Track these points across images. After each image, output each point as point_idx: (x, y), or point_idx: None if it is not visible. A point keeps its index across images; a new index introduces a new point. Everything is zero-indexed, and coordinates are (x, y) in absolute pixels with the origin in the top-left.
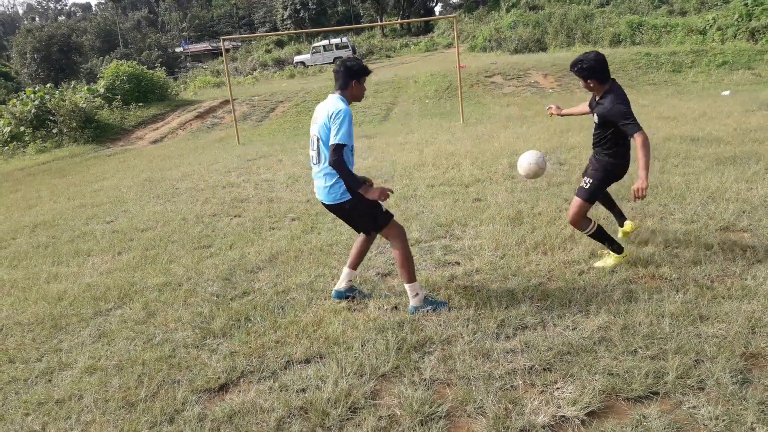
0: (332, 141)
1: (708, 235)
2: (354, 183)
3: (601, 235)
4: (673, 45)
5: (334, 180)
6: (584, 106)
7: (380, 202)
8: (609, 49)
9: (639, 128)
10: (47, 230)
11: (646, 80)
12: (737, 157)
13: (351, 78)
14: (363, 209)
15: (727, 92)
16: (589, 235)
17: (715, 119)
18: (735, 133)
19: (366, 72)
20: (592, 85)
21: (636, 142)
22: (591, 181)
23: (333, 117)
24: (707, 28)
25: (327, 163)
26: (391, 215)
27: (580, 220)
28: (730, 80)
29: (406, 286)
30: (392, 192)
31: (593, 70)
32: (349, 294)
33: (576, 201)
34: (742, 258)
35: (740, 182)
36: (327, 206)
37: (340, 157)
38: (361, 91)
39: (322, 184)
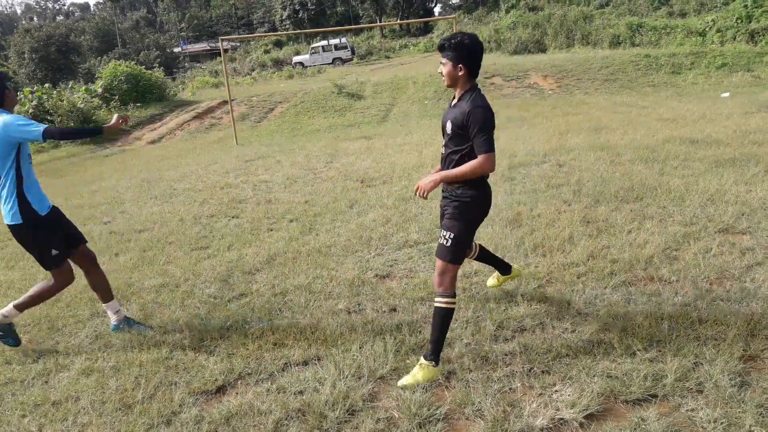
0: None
1: (707, 237)
2: (82, 130)
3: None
4: (673, 47)
5: (6, 196)
6: None
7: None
8: (609, 51)
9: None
10: None
11: (646, 82)
12: (736, 159)
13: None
14: (30, 240)
15: (726, 94)
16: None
17: (714, 121)
18: (734, 135)
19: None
20: (461, 73)
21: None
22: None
23: (17, 123)
24: (707, 29)
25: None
26: (62, 260)
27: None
28: (730, 82)
29: (10, 305)
30: (58, 253)
31: (472, 52)
32: (124, 326)
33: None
34: (740, 260)
35: (739, 184)
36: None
37: (48, 128)
38: (13, 99)
39: None
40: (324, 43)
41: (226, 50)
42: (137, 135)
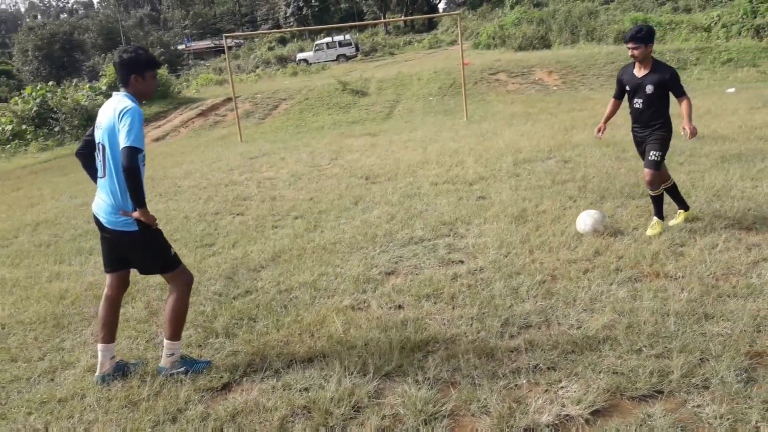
0: (123, 144)
1: (713, 233)
2: (141, 199)
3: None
4: (678, 42)
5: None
6: (614, 103)
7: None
8: (613, 46)
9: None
10: (49, 229)
11: None
12: (742, 155)
13: (130, 72)
14: (148, 246)
15: (732, 89)
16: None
17: (720, 116)
18: (740, 131)
19: (152, 64)
20: (643, 50)
21: (684, 100)
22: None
23: (120, 117)
24: (712, 25)
25: (116, 178)
26: (180, 261)
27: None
28: (735, 77)
29: (166, 342)
30: (174, 254)
31: (651, 36)
32: (117, 373)
33: (649, 173)
34: (747, 256)
35: (745, 180)
36: (108, 231)
37: (134, 162)
38: (148, 86)
39: (106, 203)
40: (328, 39)
41: (230, 47)
42: None
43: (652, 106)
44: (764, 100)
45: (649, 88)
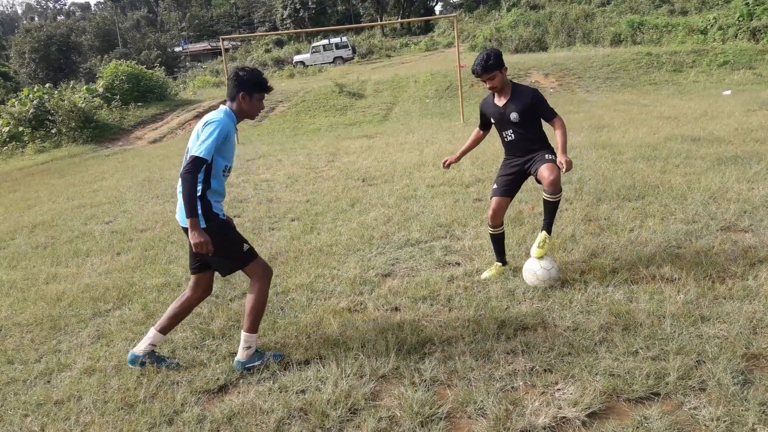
0: (192, 152)
1: (709, 235)
2: (193, 209)
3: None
4: (674, 45)
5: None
6: (477, 133)
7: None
8: (610, 49)
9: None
10: (46, 231)
11: (647, 80)
12: (738, 157)
13: (239, 90)
14: (217, 242)
15: (728, 92)
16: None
17: (716, 119)
18: (736, 133)
19: (262, 87)
20: (500, 77)
21: (557, 124)
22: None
23: (203, 127)
24: (708, 27)
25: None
26: (255, 252)
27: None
28: (731, 80)
29: (243, 334)
30: (212, 253)
31: (501, 59)
32: (145, 361)
33: (554, 167)
34: (743, 258)
35: (742, 182)
36: (183, 230)
37: (193, 172)
38: (252, 107)
39: (179, 200)
40: (325, 42)
41: (227, 49)
42: (138, 134)
43: (524, 134)
44: (760, 102)
45: (513, 116)
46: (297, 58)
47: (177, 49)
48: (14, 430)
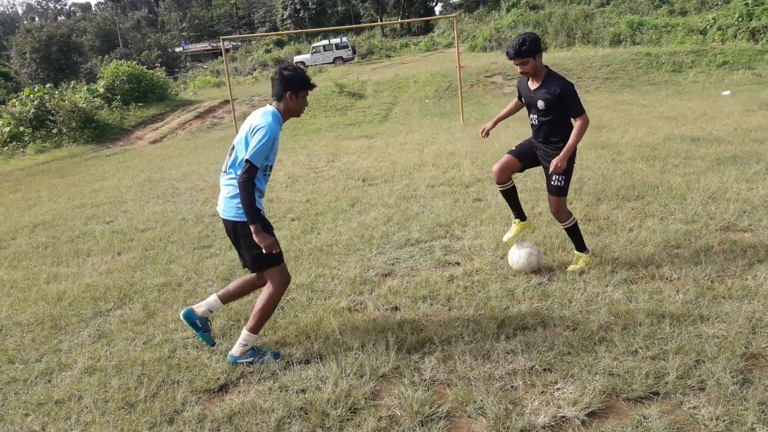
0: (245, 156)
1: (708, 235)
2: (255, 215)
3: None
4: (674, 45)
5: (237, 191)
6: (515, 103)
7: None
8: (609, 49)
9: (584, 110)
10: (47, 230)
11: (647, 80)
12: (738, 157)
13: (285, 89)
14: (252, 239)
15: (727, 92)
16: (566, 229)
17: (715, 119)
18: (735, 133)
19: (307, 85)
20: (533, 63)
21: (578, 123)
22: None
23: (253, 132)
24: (707, 27)
25: (233, 173)
26: (282, 258)
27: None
28: (731, 80)
29: (244, 332)
30: (278, 251)
31: (537, 45)
32: (198, 324)
33: (553, 199)
34: (742, 258)
35: (741, 182)
36: (223, 222)
37: (250, 179)
38: (298, 105)
39: (222, 194)
40: (325, 42)
41: (227, 50)
42: (139, 135)
43: (547, 123)
44: (759, 102)
45: (540, 104)
46: (297, 58)
47: (177, 49)
48: (15, 429)
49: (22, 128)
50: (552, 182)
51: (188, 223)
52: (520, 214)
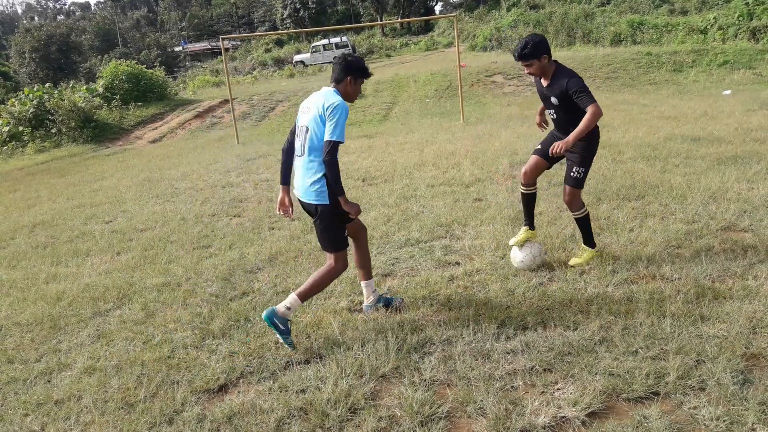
0: (328, 137)
1: (709, 235)
2: (340, 188)
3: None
4: (674, 44)
5: (318, 176)
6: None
7: (347, 223)
8: (610, 49)
9: (594, 99)
10: (46, 230)
11: (647, 80)
12: (738, 157)
13: (347, 74)
14: (330, 221)
15: (728, 92)
16: (576, 219)
17: (716, 119)
18: (736, 133)
19: (366, 74)
20: (537, 65)
21: (588, 112)
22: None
23: (329, 110)
24: (708, 27)
25: (313, 157)
26: (347, 245)
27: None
28: (731, 80)
29: (293, 296)
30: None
31: (541, 47)
32: (380, 304)
33: (569, 189)
34: (743, 258)
35: (741, 182)
36: (302, 204)
37: (335, 156)
38: (355, 90)
39: (303, 178)
40: (325, 41)
41: (227, 49)
42: (138, 134)
43: (564, 117)
44: (760, 102)
45: (554, 100)
46: (297, 57)
47: (177, 48)
48: (14, 429)
49: (21, 128)
50: (572, 173)
51: (188, 223)
52: (530, 222)
